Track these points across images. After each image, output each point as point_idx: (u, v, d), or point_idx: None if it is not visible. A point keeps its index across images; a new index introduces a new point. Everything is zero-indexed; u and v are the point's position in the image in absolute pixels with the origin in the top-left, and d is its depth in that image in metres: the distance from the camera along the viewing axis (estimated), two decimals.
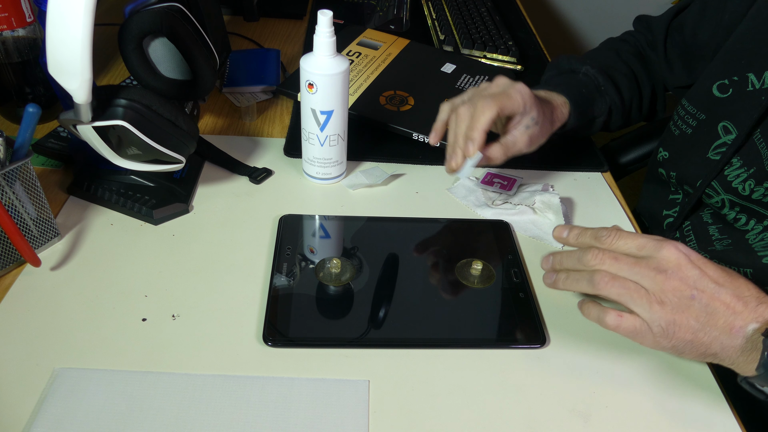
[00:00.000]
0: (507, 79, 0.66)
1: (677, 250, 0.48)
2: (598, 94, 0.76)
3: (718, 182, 0.66)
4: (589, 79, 0.76)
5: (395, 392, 0.50)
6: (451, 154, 0.65)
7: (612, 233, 0.51)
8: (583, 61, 0.78)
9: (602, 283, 0.49)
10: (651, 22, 0.84)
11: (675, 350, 0.49)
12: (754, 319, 0.47)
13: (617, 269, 0.49)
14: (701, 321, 0.47)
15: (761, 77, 0.62)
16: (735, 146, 0.64)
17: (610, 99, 0.77)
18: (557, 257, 0.54)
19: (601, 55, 0.83)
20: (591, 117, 0.76)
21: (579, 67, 0.77)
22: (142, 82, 0.64)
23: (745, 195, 0.63)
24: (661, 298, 0.47)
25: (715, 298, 0.47)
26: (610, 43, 0.86)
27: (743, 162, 0.63)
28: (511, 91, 0.64)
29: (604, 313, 0.49)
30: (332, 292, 0.58)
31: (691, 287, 0.47)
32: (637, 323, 0.48)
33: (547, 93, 0.72)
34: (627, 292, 0.48)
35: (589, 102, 0.75)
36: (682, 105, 0.72)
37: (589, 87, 0.76)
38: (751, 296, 0.48)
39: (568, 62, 0.80)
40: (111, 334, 0.53)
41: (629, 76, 0.80)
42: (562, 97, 0.72)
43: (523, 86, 0.65)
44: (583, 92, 0.74)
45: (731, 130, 0.65)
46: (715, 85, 0.67)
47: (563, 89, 0.73)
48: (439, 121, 0.68)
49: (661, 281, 0.47)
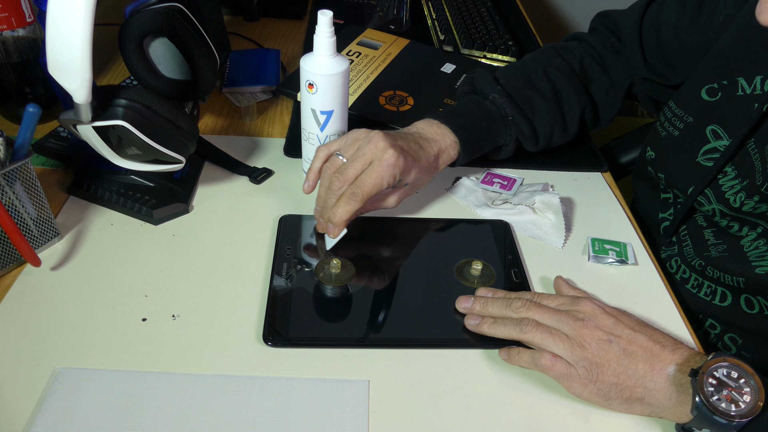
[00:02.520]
0: (380, 143, 0.59)
1: (592, 303, 0.53)
2: (503, 125, 0.71)
3: (711, 191, 0.65)
4: (495, 108, 0.71)
5: (395, 392, 0.50)
6: (318, 220, 0.63)
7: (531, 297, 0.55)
8: (495, 83, 0.73)
9: (529, 329, 0.52)
10: (616, 22, 0.80)
11: (601, 395, 0.49)
12: (673, 360, 0.49)
13: (541, 317, 0.53)
14: (622, 364, 0.49)
15: (752, 82, 0.61)
16: (728, 154, 0.63)
17: (517, 130, 0.72)
18: (481, 302, 0.56)
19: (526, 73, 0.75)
20: (495, 147, 0.73)
21: (489, 92, 0.72)
22: (142, 82, 0.64)
23: (736, 207, 0.63)
24: (581, 342, 0.50)
25: (632, 342, 0.50)
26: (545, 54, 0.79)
27: (738, 172, 0.63)
28: (379, 168, 0.58)
29: (539, 354, 0.51)
30: (332, 293, 0.58)
31: (608, 333, 0.50)
32: (566, 366, 0.50)
33: (438, 130, 0.67)
34: (550, 337, 0.51)
35: (491, 134, 0.71)
36: (669, 107, 0.71)
37: (493, 117, 0.71)
38: (667, 341, 0.50)
39: (482, 81, 0.73)
40: (111, 334, 0.53)
41: (550, 98, 0.74)
42: (452, 138, 0.67)
43: (392, 156, 0.59)
44: (483, 126, 0.70)
45: (721, 135, 0.64)
46: (704, 89, 0.66)
47: (458, 126, 0.68)
48: (313, 170, 0.63)
49: (579, 328, 0.51)
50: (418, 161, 0.63)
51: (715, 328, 0.69)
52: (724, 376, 0.46)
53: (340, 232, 0.60)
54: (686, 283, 0.70)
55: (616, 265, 0.64)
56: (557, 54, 0.79)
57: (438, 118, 0.69)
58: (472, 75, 0.76)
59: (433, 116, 0.69)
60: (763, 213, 0.61)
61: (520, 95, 0.73)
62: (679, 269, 0.71)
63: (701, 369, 0.46)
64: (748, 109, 0.61)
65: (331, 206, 0.59)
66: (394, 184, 0.61)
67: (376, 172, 0.58)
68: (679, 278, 0.71)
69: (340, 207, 0.58)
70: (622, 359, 0.49)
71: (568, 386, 0.50)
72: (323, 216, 0.61)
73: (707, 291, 0.68)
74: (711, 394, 0.45)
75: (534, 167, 0.78)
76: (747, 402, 0.44)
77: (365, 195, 0.58)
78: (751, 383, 0.45)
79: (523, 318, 0.53)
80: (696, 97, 0.67)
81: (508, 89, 0.73)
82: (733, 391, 0.45)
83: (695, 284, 0.69)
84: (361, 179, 0.59)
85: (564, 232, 0.67)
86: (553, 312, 0.53)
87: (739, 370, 0.46)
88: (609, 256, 0.64)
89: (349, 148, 0.61)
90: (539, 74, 0.76)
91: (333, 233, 0.60)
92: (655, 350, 0.49)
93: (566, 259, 0.65)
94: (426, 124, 0.68)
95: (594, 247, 0.65)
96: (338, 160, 0.61)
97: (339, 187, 0.59)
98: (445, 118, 0.68)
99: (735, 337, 0.67)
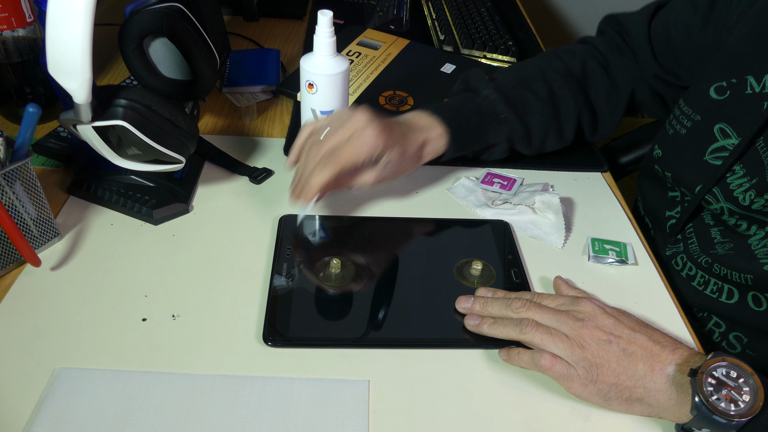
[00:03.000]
0: (363, 118, 0.60)
1: (592, 303, 0.53)
2: (494, 123, 0.71)
3: (719, 189, 0.65)
4: (487, 104, 0.71)
5: (395, 392, 0.50)
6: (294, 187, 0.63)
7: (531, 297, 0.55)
8: (489, 82, 0.72)
9: (528, 329, 0.52)
10: (623, 24, 0.80)
11: (601, 396, 0.49)
12: (673, 361, 0.49)
13: (540, 317, 0.53)
14: (622, 364, 0.49)
15: (761, 80, 0.61)
16: (737, 153, 0.63)
17: (509, 128, 0.72)
18: (480, 302, 0.56)
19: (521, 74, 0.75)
20: (486, 146, 0.73)
21: (481, 89, 0.72)
22: (142, 82, 0.64)
23: (745, 205, 0.62)
24: (581, 342, 0.50)
25: (632, 342, 0.50)
26: (545, 57, 0.79)
27: (746, 171, 0.62)
28: (358, 141, 0.59)
29: (539, 355, 0.51)
30: (332, 293, 0.58)
31: (608, 333, 0.50)
32: (566, 366, 0.50)
33: (427, 120, 0.67)
34: (550, 338, 0.51)
35: (480, 132, 0.71)
36: (678, 105, 0.71)
37: (483, 114, 0.70)
38: (667, 342, 0.50)
39: (477, 78, 0.74)
40: (111, 334, 0.53)
41: (546, 100, 0.73)
42: (441, 129, 0.67)
43: (372, 132, 0.59)
44: (472, 121, 0.70)
45: (729, 134, 0.64)
46: (712, 87, 0.66)
47: (448, 119, 0.68)
48: (296, 146, 0.64)
49: (579, 328, 0.51)
50: (400, 144, 0.63)
51: (720, 326, 0.68)
52: (724, 375, 0.46)
53: (311, 198, 0.60)
54: (692, 280, 0.70)
55: (616, 265, 0.65)
56: (557, 57, 0.79)
57: (428, 109, 0.69)
58: (467, 74, 0.76)
59: (424, 108, 0.69)
60: None
61: (514, 94, 0.72)
62: (685, 266, 0.71)
63: (700, 369, 0.46)
64: (757, 107, 0.61)
65: (307, 173, 0.60)
66: (371, 161, 0.61)
67: (353, 145, 0.59)
68: (684, 275, 0.71)
69: (314, 173, 0.59)
70: (621, 359, 0.49)
71: (567, 387, 0.50)
72: (298, 183, 0.61)
73: (713, 288, 0.68)
74: (710, 394, 0.45)
75: (534, 167, 0.78)
76: (746, 401, 0.44)
77: (340, 163, 0.59)
78: (750, 383, 0.45)
79: (522, 318, 0.53)
80: (704, 95, 0.67)
81: (502, 87, 0.72)
82: (733, 391, 0.45)
83: (701, 281, 0.69)
84: (337, 149, 0.59)
85: (564, 232, 0.67)
86: (553, 312, 0.53)
87: (738, 369, 0.46)
88: (609, 256, 0.64)
89: (333, 122, 0.62)
90: (536, 76, 0.75)
91: (305, 197, 0.60)
92: (654, 350, 0.49)
93: (566, 259, 0.65)
94: (415, 114, 0.68)
95: (594, 247, 0.65)
96: (319, 135, 0.61)
97: (315, 154, 0.60)
98: (435, 110, 0.69)
99: (740, 335, 0.67)
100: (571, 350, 0.50)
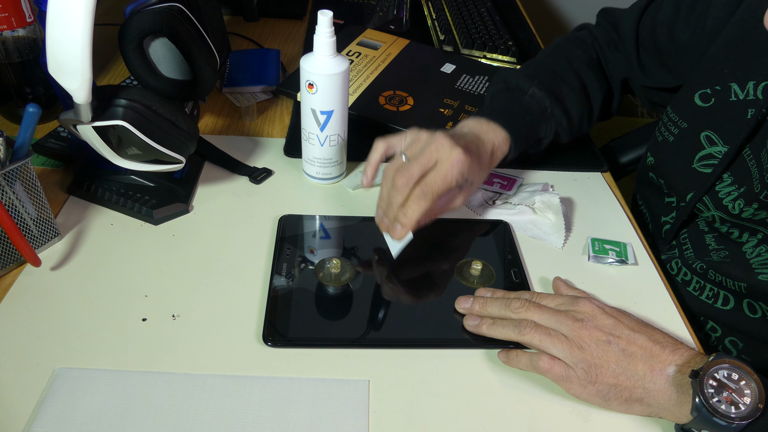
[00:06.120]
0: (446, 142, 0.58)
1: (591, 303, 0.53)
2: (544, 119, 0.71)
3: (709, 198, 0.65)
4: (535, 102, 0.71)
5: (395, 392, 0.50)
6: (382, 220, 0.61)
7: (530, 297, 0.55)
8: (531, 79, 0.72)
9: (527, 330, 0.51)
10: (617, 19, 0.80)
11: (600, 396, 0.49)
12: (673, 361, 0.49)
13: (539, 318, 0.52)
14: (621, 365, 0.49)
15: (745, 87, 0.61)
16: (726, 161, 0.62)
17: (557, 122, 0.72)
18: (480, 302, 0.56)
19: (551, 67, 0.76)
20: (535, 141, 0.73)
21: (526, 87, 0.72)
22: (142, 82, 0.64)
23: (735, 213, 0.62)
24: (580, 343, 0.50)
25: (632, 342, 0.50)
26: (564, 48, 0.80)
27: (734, 179, 0.62)
28: (447, 166, 0.57)
29: (537, 357, 0.51)
30: (332, 292, 0.58)
31: (607, 333, 0.50)
32: (564, 368, 0.50)
33: (488, 127, 0.66)
34: (549, 339, 0.51)
35: (534, 129, 0.71)
36: (666, 112, 0.71)
37: (534, 112, 0.71)
38: (667, 342, 0.50)
39: (516, 78, 0.73)
40: (111, 334, 0.53)
41: (579, 90, 0.75)
42: (503, 133, 0.66)
43: (459, 155, 0.58)
44: (527, 121, 0.70)
45: (716, 141, 0.64)
46: (697, 94, 0.66)
47: (506, 121, 0.67)
48: (371, 163, 0.63)
49: (578, 328, 0.50)
50: (480, 159, 0.63)
51: (716, 331, 0.68)
52: (725, 377, 0.46)
53: (407, 232, 0.58)
54: (687, 285, 0.70)
55: (616, 265, 0.65)
56: (575, 46, 0.80)
57: (484, 116, 0.68)
58: (503, 74, 0.76)
59: (478, 115, 0.68)
60: (762, 219, 0.61)
61: (555, 88, 0.73)
62: (680, 271, 0.71)
63: (702, 370, 0.46)
64: (742, 115, 0.61)
65: (398, 205, 0.58)
66: (461, 184, 0.60)
67: (444, 170, 0.57)
68: (680, 280, 0.71)
69: (410, 206, 0.57)
70: (621, 360, 0.49)
71: (567, 388, 0.50)
72: (388, 215, 0.59)
73: (709, 294, 0.68)
74: (711, 396, 0.45)
75: (534, 167, 0.78)
76: (747, 404, 0.44)
77: (435, 193, 0.57)
78: (752, 385, 0.45)
79: (521, 319, 0.53)
80: (690, 102, 0.67)
81: (544, 84, 0.73)
82: (734, 393, 0.45)
83: (697, 287, 0.69)
84: (430, 177, 0.57)
85: (564, 232, 0.67)
86: (552, 312, 0.52)
87: (739, 371, 0.46)
88: (609, 256, 0.64)
89: (411, 147, 0.60)
90: (565, 67, 0.76)
91: (399, 234, 0.58)
92: (654, 351, 0.49)
93: (566, 259, 0.65)
94: (475, 123, 0.66)
95: (594, 247, 0.65)
96: (400, 159, 0.59)
97: (404, 184, 0.57)
98: (492, 115, 0.67)
99: (736, 340, 0.67)
100: (570, 351, 0.50)
